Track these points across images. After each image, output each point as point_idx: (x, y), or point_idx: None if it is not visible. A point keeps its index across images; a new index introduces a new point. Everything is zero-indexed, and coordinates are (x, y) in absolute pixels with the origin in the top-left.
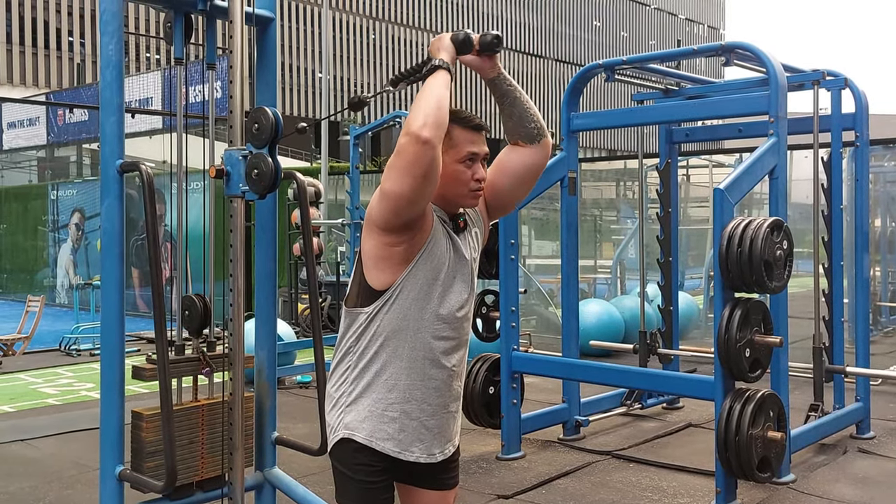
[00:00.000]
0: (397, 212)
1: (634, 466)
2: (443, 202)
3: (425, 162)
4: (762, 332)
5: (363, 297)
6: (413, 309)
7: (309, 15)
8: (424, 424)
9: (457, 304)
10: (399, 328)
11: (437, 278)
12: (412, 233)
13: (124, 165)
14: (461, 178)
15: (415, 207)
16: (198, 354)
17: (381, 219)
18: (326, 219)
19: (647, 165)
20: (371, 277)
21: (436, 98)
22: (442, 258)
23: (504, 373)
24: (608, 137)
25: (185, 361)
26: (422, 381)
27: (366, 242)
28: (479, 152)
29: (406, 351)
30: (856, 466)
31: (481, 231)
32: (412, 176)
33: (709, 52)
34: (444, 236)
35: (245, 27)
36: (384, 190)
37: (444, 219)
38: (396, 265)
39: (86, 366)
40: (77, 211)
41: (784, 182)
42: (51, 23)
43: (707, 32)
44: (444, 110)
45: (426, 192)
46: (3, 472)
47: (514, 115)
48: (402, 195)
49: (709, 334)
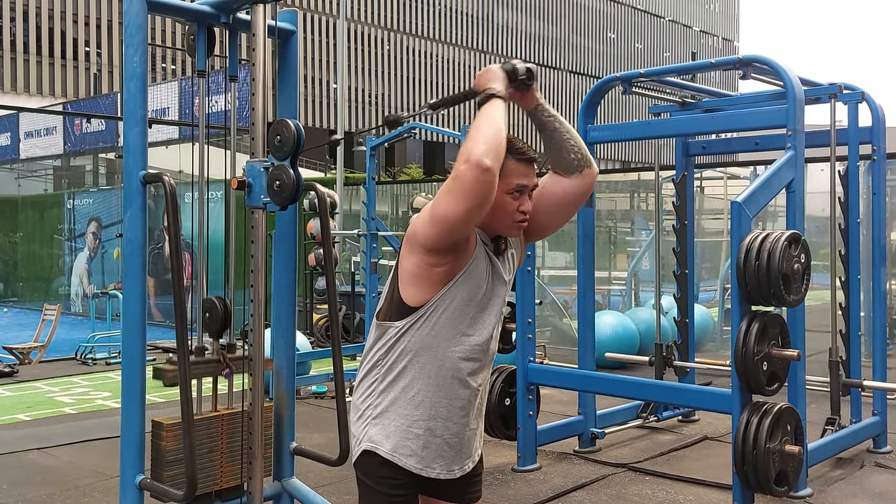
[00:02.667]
0: (448, 235)
1: (650, 479)
2: (485, 227)
3: (484, 190)
4: (780, 345)
5: (395, 311)
6: (445, 328)
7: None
8: (447, 442)
9: (488, 326)
10: (429, 346)
11: (473, 300)
12: (455, 255)
13: (147, 176)
14: (507, 208)
15: (464, 232)
16: (218, 356)
17: (427, 240)
18: (341, 229)
19: (663, 177)
20: (406, 294)
21: (496, 128)
22: (480, 281)
23: (520, 384)
24: (622, 149)
25: (205, 363)
26: (448, 400)
27: (405, 260)
28: (528, 185)
29: (434, 369)
30: (873, 481)
31: (517, 253)
32: (469, 202)
33: (726, 66)
34: (484, 259)
35: (267, 40)
36: (437, 213)
37: (485, 241)
38: (434, 285)
39: (101, 375)
40: (94, 220)
41: (801, 195)
42: (68, 33)
43: (721, 45)
44: (503, 140)
45: (477, 219)
46: (21, 479)
47: (554, 146)
48: (455, 220)
49: (723, 347)
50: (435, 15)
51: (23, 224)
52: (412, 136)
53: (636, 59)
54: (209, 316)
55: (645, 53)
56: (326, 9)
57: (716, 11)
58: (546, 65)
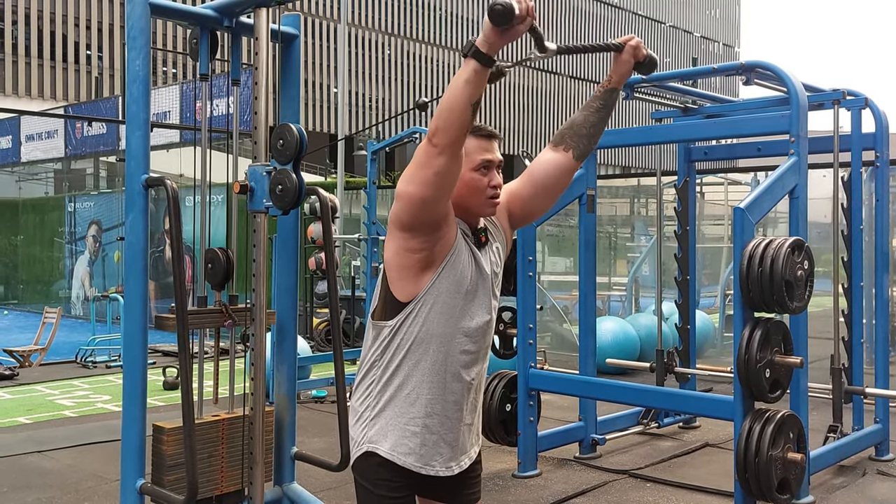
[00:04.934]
0: (418, 208)
1: (651, 486)
2: (464, 213)
3: (438, 167)
4: (782, 352)
5: (388, 309)
6: (436, 321)
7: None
8: (444, 438)
9: (478, 317)
10: (421, 340)
11: (460, 291)
12: (433, 239)
13: (149, 180)
14: (478, 185)
15: (431, 208)
16: (220, 307)
17: (399, 217)
18: (342, 233)
19: (664, 183)
20: (395, 289)
21: (447, 101)
22: (464, 271)
23: (521, 390)
24: (622, 154)
25: (208, 313)
26: (442, 395)
27: (388, 249)
28: (494, 159)
29: (428, 364)
30: (874, 489)
31: (503, 246)
32: (423, 181)
33: (729, 71)
34: (465, 249)
35: (270, 44)
36: (399, 190)
37: (466, 232)
38: (418, 274)
39: (102, 378)
40: (94, 223)
41: (804, 202)
42: (69, 36)
43: (722, 51)
44: (455, 112)
45: (441, 193)
46: (21, 483)
47: (588, 128)
48: (414, 196)
49: (724, 353)
50: (436, 19)
51: (23, 227)
52: (413, 141)
53: None
54: (211, 267)
55: None
56: (327, 13)
57: (717, 17)
58: (545, 69)
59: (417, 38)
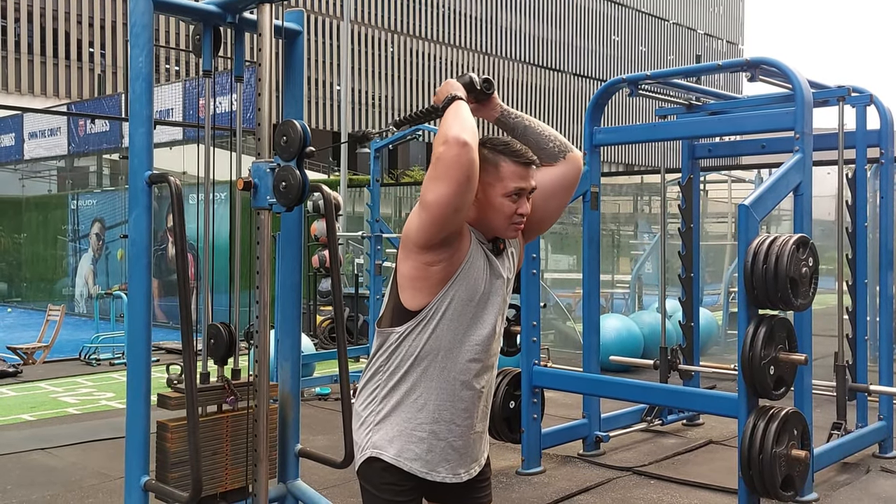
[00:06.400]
0: (440, 225)
1: (655, 483)
2: (481, 227)
3: (465, 166)
4: (787, 349)
5: (396, 317)
6: (446, 331)
7: (328, 28)
8: (452, 445)
9: (489, 325)
10: (431, 349)
11: (472, 300)
12: (450, 251)
13: (153, 177)
14: (504, 211)
15: (457, 217)
16: (223, 383)
17: (420, 235)
18: (345, 231)
19: (668, 180)
20: (406, 298)
21: (463, 116)
22: (478, 280)
23: (525, 387)
24: (626, 151)
25: (210, 390)
26: (451, 402)
27: (402, 264)
28: (527, 188)
29: (437, 372)
30: (878, 486)
31: (517, 251)
32: (453, 182)
33: (734, 68)
34: (481, 257)
35: (273, 40)
36: (425, 201)
37: (482, 240)
38: (433, 286)
39: (105, 375)
40: (97, 221)
41: (809, 199)
42: (72, 34)
43: (726, 48)
44: (474, 126)
45: (466, 199)
46: (25, 480)
47: (531, 142)
48: (444, 204)
49: (727, 350)
50: (438, 17)
51: (27, 225)
52: (416, 139)
53: (640, 62)
54: (214, 342)
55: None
56: (330, 11)
57: (720, 14)
58: (549, 67)
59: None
